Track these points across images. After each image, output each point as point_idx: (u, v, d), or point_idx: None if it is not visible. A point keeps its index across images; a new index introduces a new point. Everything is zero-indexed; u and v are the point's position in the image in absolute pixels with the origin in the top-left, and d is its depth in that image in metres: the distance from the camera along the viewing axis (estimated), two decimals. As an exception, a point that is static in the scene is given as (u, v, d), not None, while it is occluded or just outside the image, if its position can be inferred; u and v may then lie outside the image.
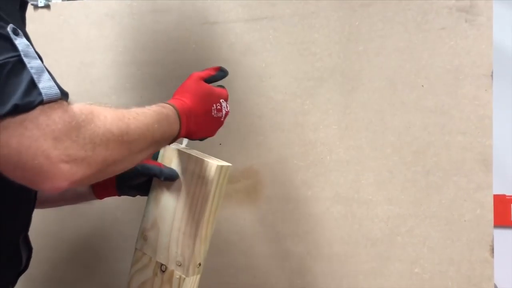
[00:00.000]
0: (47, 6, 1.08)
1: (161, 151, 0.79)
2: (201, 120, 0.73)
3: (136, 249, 0.78)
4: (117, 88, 1.04)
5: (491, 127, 0.90)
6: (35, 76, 0.50)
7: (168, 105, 0.69)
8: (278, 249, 0.98)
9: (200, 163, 0.73)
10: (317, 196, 0.96)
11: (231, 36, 0.99)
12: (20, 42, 0.51)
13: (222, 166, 0.73)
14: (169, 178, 0.76)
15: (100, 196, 0.84)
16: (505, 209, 1.33)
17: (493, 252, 0.89)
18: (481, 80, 0.90)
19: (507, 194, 1.34)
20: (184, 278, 0.72)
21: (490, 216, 0.90)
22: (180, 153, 0.76)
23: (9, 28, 0.50)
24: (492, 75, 0.90)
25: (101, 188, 0.82)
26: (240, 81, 0.99)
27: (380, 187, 0.93)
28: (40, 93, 0.49)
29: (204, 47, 1.00)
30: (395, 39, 0.93)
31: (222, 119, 0.78)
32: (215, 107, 0.75)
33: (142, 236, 0.77)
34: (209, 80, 0.78)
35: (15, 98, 0.47)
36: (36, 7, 1.08)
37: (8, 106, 0.46)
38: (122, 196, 0.84)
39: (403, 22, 0.93)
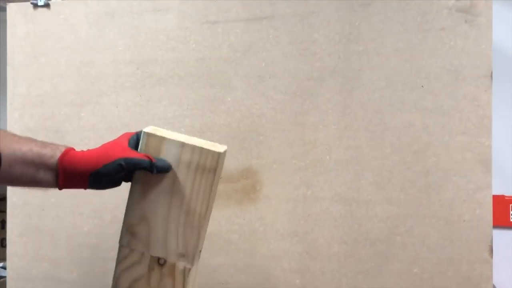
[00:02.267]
0: (47, 5, 1.08)
1: (143, 138, 0.69)
2: None
3: (121, 246, 0.71)
4: (116, 87, 1.04)
5: (490, 128, 0.90)
6: None
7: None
8: (277, 248, 0.98)
9: (198, 152, 0.67)
10: (317, 195, 0.96)
11: (231, 35, 0.99)
12: None
13: (222, 152, 0.68)
14: (162, 171, 0.66)
15: (63, 187, 0.69)
16: (504, 210, 1.34)
17: (492, 253, 0.89)
18: (480, 80, 0.90)
19: (506, 194, 1.34)
20: (190, 269, 0.69)
21: (489, 216, 0.90)
22: (169, 141, 0.68)
23: None
24: (491, 76, 0.90)
25: (68, 179, 0.67)
26: (240, 81, 0.99)
27: (379, 187, 0.93)
28: None
29: (204, 46, 1.00)
30: (395, 39, 0.93)
31: None
32: None
33: (128, 232, 0.70)
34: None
35: None
36: (36, 6, 1.08)
37: None
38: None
39: (403, 22, 0.93)
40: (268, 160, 0.98)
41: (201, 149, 0.67)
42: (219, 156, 0.67)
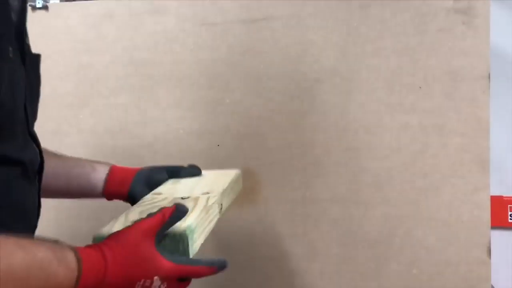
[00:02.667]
0: (45, 7, 1.08)
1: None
2: None
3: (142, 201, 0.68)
4: (115, 88, 1.04)
5: (488, 129, 0.90)
6: None
7: (74, 266, 0.47)
8: (276, 249, 0.98)
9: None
10: (315, 197, 0.96)
11: (229, 37, 1.00)
12: None
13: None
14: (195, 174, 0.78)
15: (110, 194, 0.76)
16: (503, 210, 1.34)
17: (490, 253, 0.90)
18: (478, 82, 0.90)
19: (504, 195, 1.34)
20: (215, 196, 0.67)
21: (487, 217, 0.90)
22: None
23: None
24: (489, 77, 0.90)
25: (119, 170, 0.76)
26: (238, 82, 0.99)
27: (377, 188, 0.94)
28: None
29: (202, 48, 1.01)
30: (393, 41, 0.93)
31: None
32: (141, 283, 0.52)
33: (152, 194, 0.69)
34: (164, 228, 0.55)
35: None
36: (34, 8, 1.08)
37: None
38: None
39: (401, 23, 0.93)
40: (267, 162, 0.98)
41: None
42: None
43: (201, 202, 0.65)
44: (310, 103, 0.96)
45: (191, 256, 0.58)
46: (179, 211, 0.55)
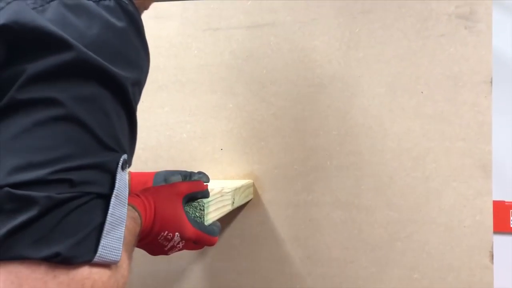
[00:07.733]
0: (51, 12, 1.10)
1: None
2: (150, 240, 0.63)
3: None
4: (119, 93, 1.05)
5: (490, 133, 0.90)
6: (106, 228, 0.42)
7: (139, 221, 0.59)
8: (278, 253, 0.98)
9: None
10: (317, 201, 0.97)
11: (232, 42, 1.00)
12: (120, 179, 0.44)
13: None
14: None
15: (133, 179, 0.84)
16: (505, 215, 1.33)
17: (492, 258, 0.89)
18: (480, 86, 0.91)
19: (506, 200, 1.33)
20: (230, 189, 0.81)
21: (489, 222, 0.90)
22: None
23: (122, 159, 0.45)
24: (491, 82, 0.90)
25: (140, 186, 0.80)
26: (241, 87, 1.00)
27: (379, 193, 0.94)
28: (94, 251, 0.40)
29: (206, 53, 1.02)
30: (395, 46, 0.94)
31: (165, 249, 0.65)
32: (164, 234, 0.62)
33: None
34: (188, 197, 0.67)
35: (63, 243, 0.38)
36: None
37: (49, 250, 0.38)
38: None
39: (403, 29, 0.94)
40: (269, 166, 0.99)
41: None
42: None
43: (217, 189, 0.76)
44: (313, 107, 0.97)
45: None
46: (202, 182, 0.69)
